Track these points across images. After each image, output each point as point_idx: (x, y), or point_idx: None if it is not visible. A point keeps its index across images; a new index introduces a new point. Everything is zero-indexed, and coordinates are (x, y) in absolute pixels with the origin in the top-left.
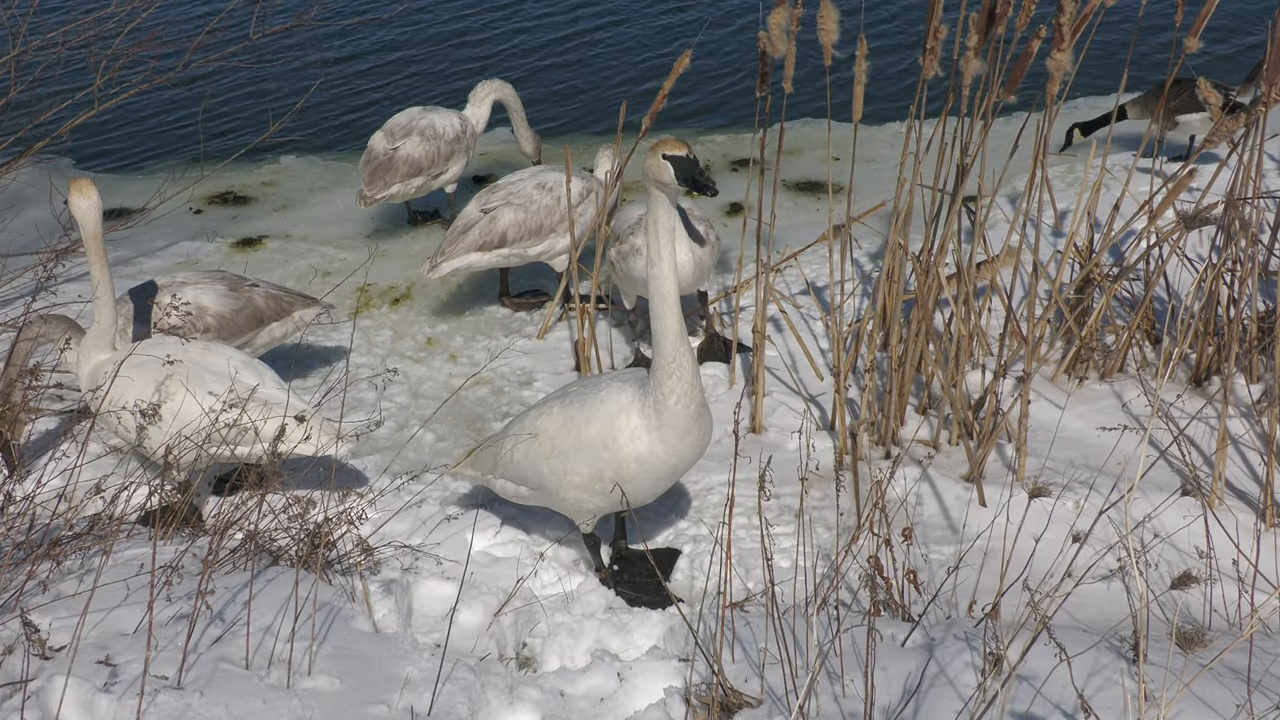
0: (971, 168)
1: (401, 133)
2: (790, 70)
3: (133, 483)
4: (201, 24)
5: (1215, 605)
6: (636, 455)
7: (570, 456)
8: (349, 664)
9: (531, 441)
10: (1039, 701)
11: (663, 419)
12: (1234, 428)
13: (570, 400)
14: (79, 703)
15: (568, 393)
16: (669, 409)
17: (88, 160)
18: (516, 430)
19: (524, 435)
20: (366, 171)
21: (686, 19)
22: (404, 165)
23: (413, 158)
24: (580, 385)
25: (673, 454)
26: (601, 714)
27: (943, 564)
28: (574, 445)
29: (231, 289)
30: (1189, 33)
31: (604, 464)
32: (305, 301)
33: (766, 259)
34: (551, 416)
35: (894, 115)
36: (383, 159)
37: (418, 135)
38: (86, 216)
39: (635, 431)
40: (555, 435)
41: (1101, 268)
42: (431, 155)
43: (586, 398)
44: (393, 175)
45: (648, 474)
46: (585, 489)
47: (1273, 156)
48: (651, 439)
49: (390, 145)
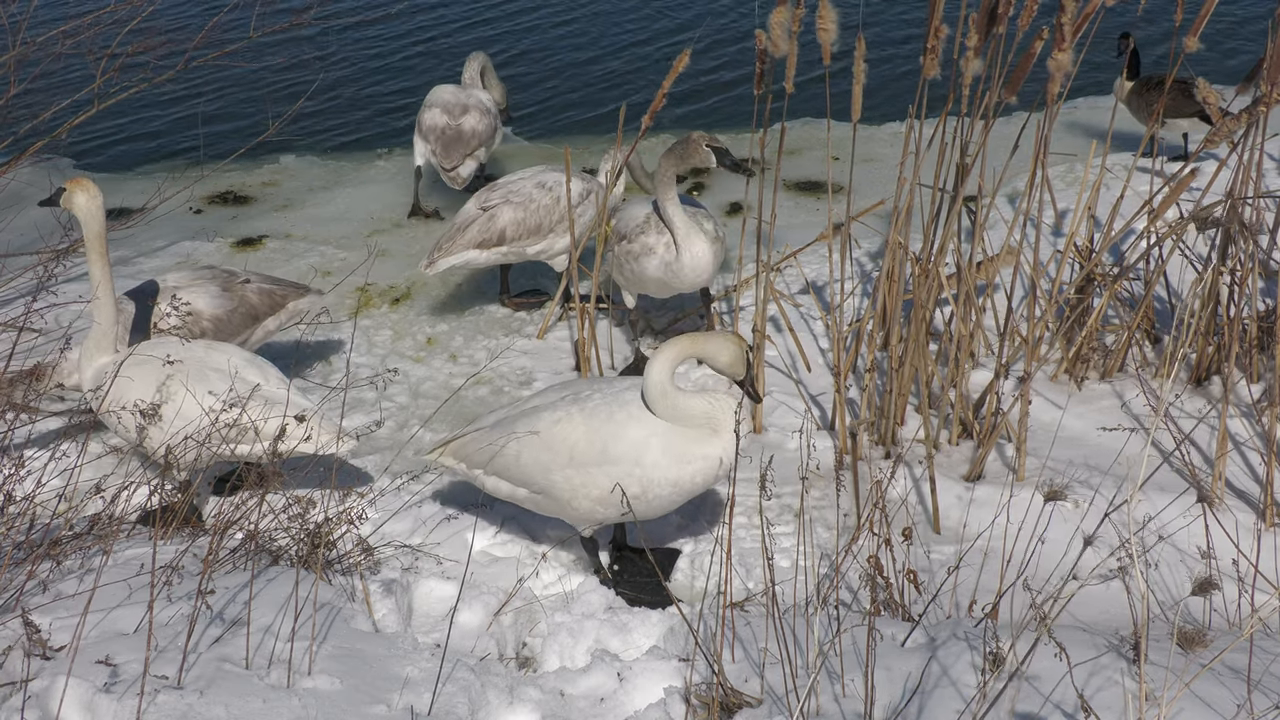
0: (971, 167)
1: (459, 109)
2: (791, 70)
3: (133, 483)
4: (201, 23)
5: (1215, 605)
6: (674, 478)
7: (592, 470)
8: (349, 664)
9: (541, 448)
10: (1039, 701)
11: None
12: (1234, 427)
13: (593, 410)
14: (79, 703)
15: (581, 397)
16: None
17: (88, 160)
18: (516, 429)
19: (526, 435)
20: (439, 146)
21: (686, 19)
22: (473, 138)
23: (477, 130)
24: (592, 389)
25: (710, 478)
26: (601, 714)
27: (943, 564)
28: (598, 459)
29: (224, 289)
30: (1189, 32)
31: (631, 480)
32: (298, 291)
33: (767, 259)
34: (572, 424)
35: (894, 115)
36: (451, 133)
37: (475, 110)
38: (91, 216)
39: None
40: (577, 446)
41: (1102, 267)
42: (490, 128)
43: (611, 410)
44: (466, 147)
45: (680, 494)
46: (601, 501)
47: (1273, 156)
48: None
49: (453, 121)
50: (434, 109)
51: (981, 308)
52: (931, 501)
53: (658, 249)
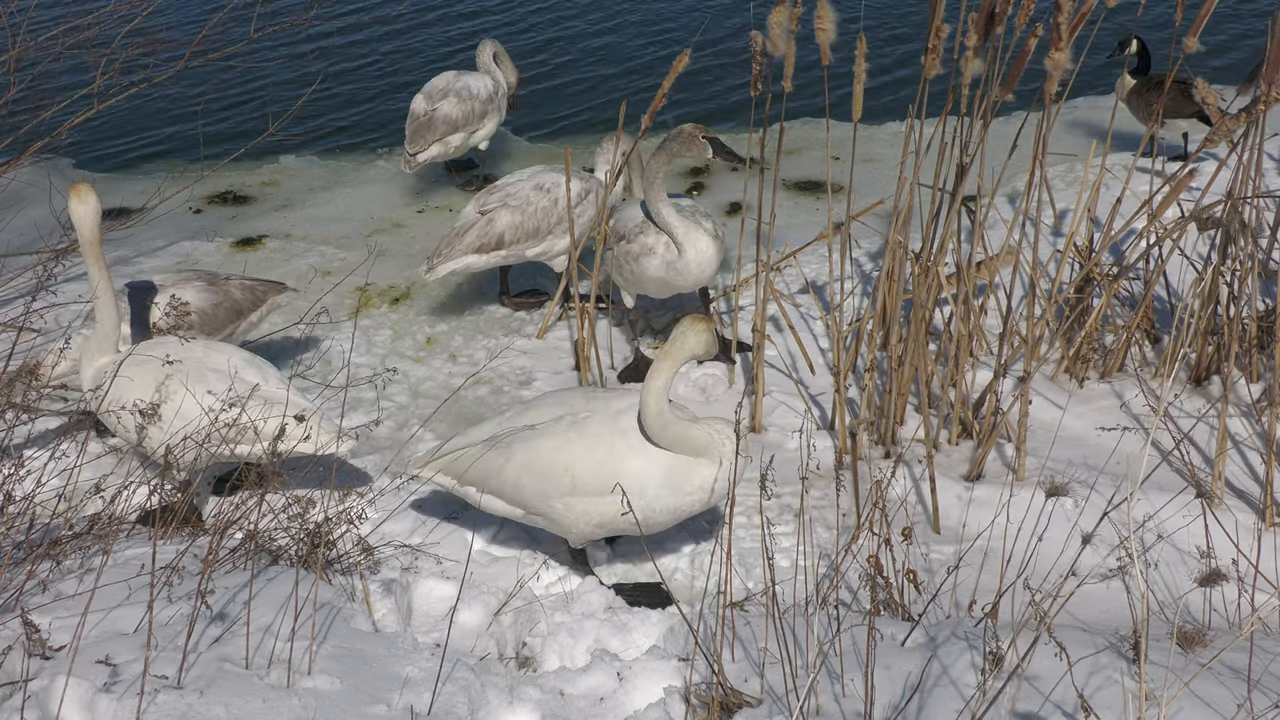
0: (971, 167)
1: (439, 95)
2: (790, 69)
3: (133, 483)
4: (201, 23)
5: (1215, 605)
6: (674, 506)
7: (596, 500)
8: (349, 663)
9: (540, 476)
10: (1039, 700)
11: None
12: (1234, 427)
13: (593, 438)
14: (79, 702)
15: (580, 420)
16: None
17: (87, 160)
18: (512, 452)
19: (521, 459)
20: (409, 132)
21: (686, 18)
22: (443, 124)
23: (450, 117)
24: (589, 408)
25: (709, 505)
26: (601, 714)
27: (943, 564)
28: (600, 490)
29: (209, 284)
30: (1189, 32)
31: (635, 508)
32: (277, 289)
33: (766, 258)
34: (572, 453)
35: (894, 114)
36: (423, 119)
37: (454, 96)
38: (83, 222)
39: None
40: (579, 476)
41: (1101, 267)
42: (467, 114)
43: (613, 441)
44: (432, 134)
45: (678, 519)
46: (601, 525)
47: (1273, 156)
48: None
49: (429, 107)
50: (419, 95)
51: (981, 308)
52: (931, 501)
53: (658, 249)
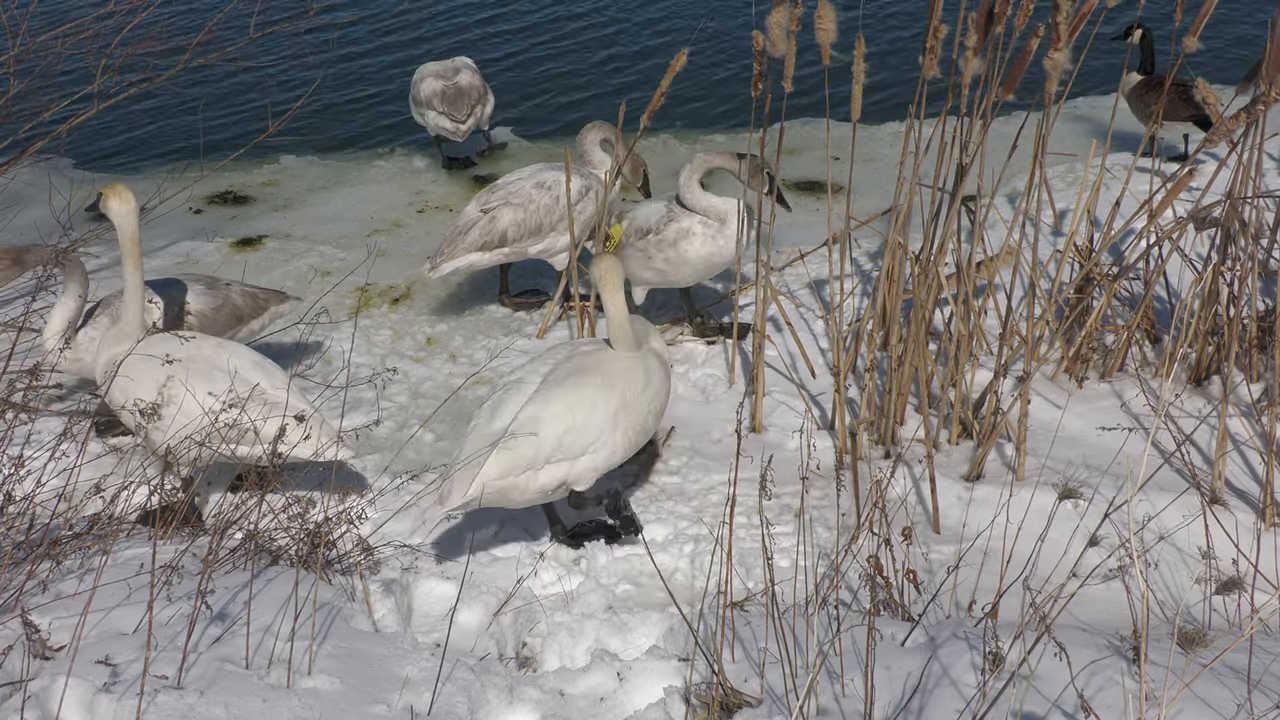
0: (971, 167)
1: (451, 71)
2: (790, 69)
3: (133, 483)
4: (201, 23)
5: (1215, 605)
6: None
7: (640, 400)
8: (349, 663)
9: (590, 430)
10: (1039, 701)
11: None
12: (1234, 427)
13: (609, 376)
14: (79, 703)
15: (584, 368)
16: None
17: (88, 160)
18: (533, 422)
19: (560, 421)
20: (446, 104)
21: (686, 18)
22: (472, 91)
23: (475, 84)
24: (573, 361)
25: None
26: (601, 714)
27: (943, 564)
28: (640, 392)
29: (209, 287)
30: (1188, 32)
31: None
32: (279, 297)
33: (767, 258)
34: (607, 397)
35: (893, 115)
36: (453, 90)
37: (467, 70)
38: (126, 220)
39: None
40: (623, 397)
41: (1101, 267)
42: (483, 84)
43: (614, 369)
44: (469, 99)
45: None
46: (638, 424)
47: (1273, 156)
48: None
49: (450, 81)
50: (427, 79)
51: (981, 308)
52: (931, 501)
53: (695, 229)
